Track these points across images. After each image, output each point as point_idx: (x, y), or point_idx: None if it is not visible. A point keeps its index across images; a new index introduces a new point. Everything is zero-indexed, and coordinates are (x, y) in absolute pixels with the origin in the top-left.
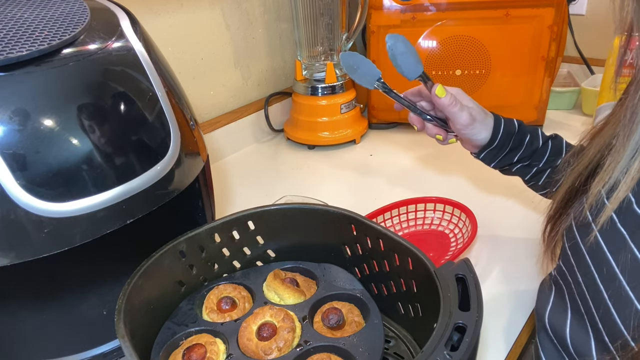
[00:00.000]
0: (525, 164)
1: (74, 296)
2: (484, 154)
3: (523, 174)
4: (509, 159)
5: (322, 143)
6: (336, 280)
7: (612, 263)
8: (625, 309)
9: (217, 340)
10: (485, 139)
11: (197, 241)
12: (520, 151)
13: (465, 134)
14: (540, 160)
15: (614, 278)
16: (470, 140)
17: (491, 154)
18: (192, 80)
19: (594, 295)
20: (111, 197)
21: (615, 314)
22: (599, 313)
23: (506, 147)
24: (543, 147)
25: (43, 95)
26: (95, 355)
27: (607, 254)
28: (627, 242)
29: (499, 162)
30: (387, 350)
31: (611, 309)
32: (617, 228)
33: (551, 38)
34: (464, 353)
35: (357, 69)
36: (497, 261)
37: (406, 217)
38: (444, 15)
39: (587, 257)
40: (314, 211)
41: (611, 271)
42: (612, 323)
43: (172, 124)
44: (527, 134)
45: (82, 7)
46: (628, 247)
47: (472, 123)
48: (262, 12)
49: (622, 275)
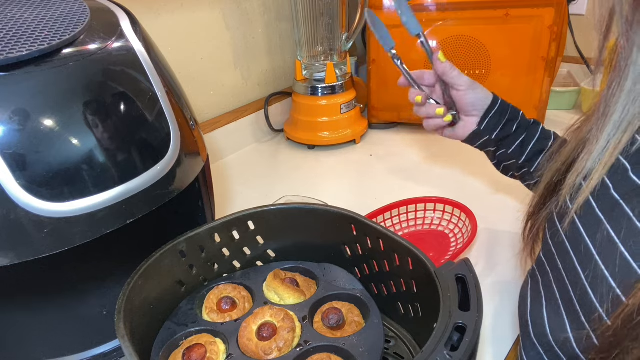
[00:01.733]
0: (520, 139)
1: (74, 296)
2: (487, 119)
3: (519, 154)
4: (508, 128)
5: (322, 143)
6: (336, 280)
7: (590, 245)
8: (600, 287)
9: (217, 340)
10: (489, 99)
11: (197, 241)
12: (517, 121)
13: (468, 95)
14: (533, 136)
15: (590, 259)
16: (474, 103)
17: (494, 119)
18: (192, 80)
19: (572, 279)
20: (111, 197)
21: (591, 293)
22: (576, 295)
23: (506, 114)
24: (534, 125)
25: (43, 95)
26: (95, 355)
27: (585, 237)
28: (603, 224)
29: (500, 131)
30: (387, 350)
31: (587, 289)
32: (595, 212)
33: (551, 38)
34: (464, 353)
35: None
36: (497, 261)
37: (406, 217)
38: (444, 15)
39: (567, 243)
40: (314, 211)
41: (588, 253)
42: (589, 303)
43: (172, 124)
44: (519, 110)
45: (82, 7)
46: (604, 228)
47: (473, 84)
48: (262, 12)
49: (598, 256)
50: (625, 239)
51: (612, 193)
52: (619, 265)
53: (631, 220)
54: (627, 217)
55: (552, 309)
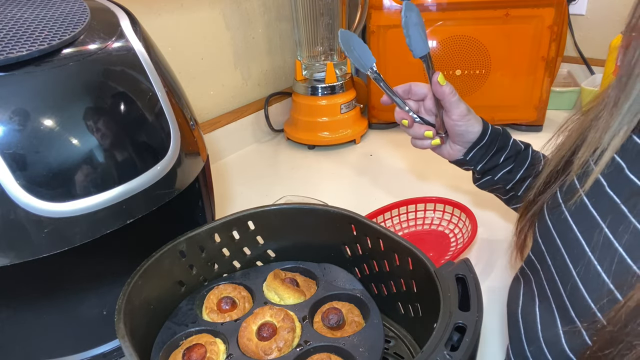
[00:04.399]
0: (508, 168)
1: (74, 296)
2: (474, 152)
3: (505, 181)
4: (495, 159)
5: (322, 143)
6: (336, 280)
7: (582, 242)
8: (593, 282)
9: (217, 340)
10: (477, 132)
11: (197, 241)
12: (505, 151)
13: (460, 127)
14: (523, 164)
15: (583, 256)
16: (463, 135)
17: (480, 152)
18: (192, 80)
19: (563, 276)
20: (111, 197)
21: (583, 288)
22: (566, 291)
23: (494, 146)
24: (525, 152)
25: (43, 95)
26: (95, 355)
27: (577, 234)
28: (597, 221)
29: (486, 163)
30: (387, 350)
31: (579, 285)
32: (588, 210)
33: (551, 38)
34: (464, 353)
35: (353, 50)
36: (497, 261)
37: (406, 217)
38: (444, 15)
39: (558, 241)
40: (314, 211)
41: (581, 250)
42: (580, 298)
43: (172, 124)
44: (510, 137)
45: (82, 7)
46: (597, 225)
47: (468, 114)
48: (262, 12)
49: (592, 253)
50: (621, 237)
51: (607, 190)
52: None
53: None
54: (624, 215)
55: (544, 306)
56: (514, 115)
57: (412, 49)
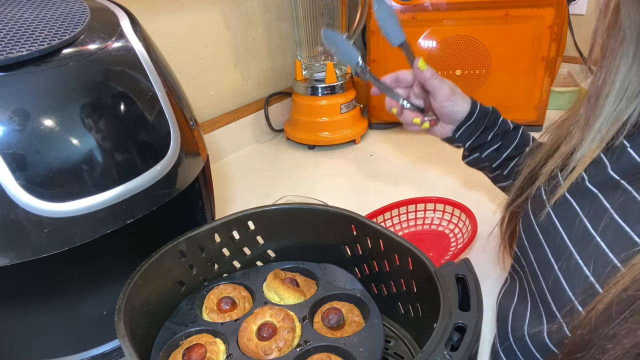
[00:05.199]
0: (496, 146)
1: (74, 296)
2: (462, 130)
3: (492, 159)
4: (483, 137)
5: (322, 143)
6: (336, 280)
7: (564, 236)
8: (574, 276)
9: (217, 340)
10: (465, 111)
11: (197, 241)
12: (494, 130)
13: (446, 107)
14: (511, 143)
15: (565, 249)
16: (450, 115)
17: (469, 130)
18: (192, 80)
19: (545, 270)
20: (111, 197)
21: (564, 282)
22: (548, 285)
23: (482, 124)
24: (514, 131)
25: (43, 95)
26: (95, 355)
27: (559, 228)
28: (579, 215)
29: (474, 141)
30: (387, 350)
31: (560, 279)
32: (570, 204)
33: (551, 38)
34: (464, 353)
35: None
36: (497, 261)
37: (406, 217)
38: (444, 15)
39: (540, 235)
40: (314, 211)
41: (563, 244)
42: (562, 292)
43: (172, 124)
44: (499, 116)
45: (82, 7)
46: (579, 219)
47: (453, 94)
48: (262, 12)
49: (573, 247)
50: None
51: (587, 185)
52: (595, 256)
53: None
54: (605, 209)
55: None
56: (514, 115)
57: (389, 39)
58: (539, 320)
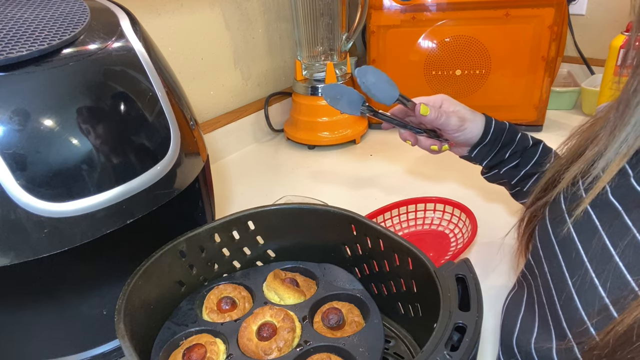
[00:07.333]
0: (514, 164)
1: (74, 296)
2: (476, 151)
3: (510, 176)
4: (500, 155)
5: (322, 143)
6: (336, 280)
7: (581, 252)
8: (587, 294)
9: (217, 340)
10: (478, 135)
11: (197, 241)
12: (511, 147)
13: (458, 137)
14: (530, 160)
15: (580, 265)
16: (464, 141)
17: (484, 150)
18: (192, 80)
19: (558, 283)
20: (111, 197)
21: (577, 300)
22: (560, 301)
23: (498, 143)
24: (533, 148)
25: (43, 95)
26: (95, 355)
27: (577, 243)
28: (599, 231)
29: (491, 160)
30: (387, 350)
31: (574, 296)
32: (591, 218)
33: (551, 38)
34: (464, 353)
35: (341, 99)
36: (497, 261)
37: (406, 217)
38: (444, 15)
39: (556, 247)
40: (314, 211)
41: (579, 259)
42: (574, 310)
43: (172, 124)
44: (517, 132)
45: (82, 7)
46: (599, 236)
47: (463, 124)
48: (262, 12)
49: (590, 264)
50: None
51: (610, 197)
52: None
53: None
54: (627, 227)
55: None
56: (514, 115)
57: (383, 102)
58: (547, 335)
